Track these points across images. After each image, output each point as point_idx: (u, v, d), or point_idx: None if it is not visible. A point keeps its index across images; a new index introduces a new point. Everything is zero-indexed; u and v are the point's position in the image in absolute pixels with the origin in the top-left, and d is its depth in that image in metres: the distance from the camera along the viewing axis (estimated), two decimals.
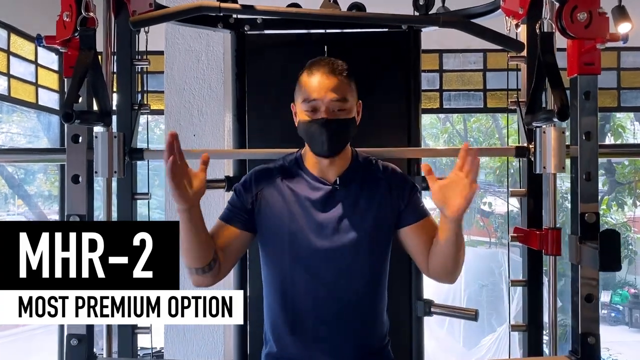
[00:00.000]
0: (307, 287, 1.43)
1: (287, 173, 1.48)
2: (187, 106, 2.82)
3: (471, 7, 2.11)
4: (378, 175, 1.49)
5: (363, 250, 1.42)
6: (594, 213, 1.50)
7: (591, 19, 1.38)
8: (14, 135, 8.65)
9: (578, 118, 1.52)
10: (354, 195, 1.44)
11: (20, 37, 3.51)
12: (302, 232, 1.41)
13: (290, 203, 1.43)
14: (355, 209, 1.43)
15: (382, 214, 1.45)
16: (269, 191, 1.45)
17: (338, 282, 1.42)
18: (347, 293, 1.42)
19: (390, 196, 1.46)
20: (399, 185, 1.48)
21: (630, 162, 8.12)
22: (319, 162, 1.45)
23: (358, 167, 1.49)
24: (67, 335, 1.51)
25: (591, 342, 1.47)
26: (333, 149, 1.40)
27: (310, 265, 1.42)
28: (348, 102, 1.40)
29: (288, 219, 1.42)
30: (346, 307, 1.43)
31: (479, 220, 9.60)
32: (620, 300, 10.78)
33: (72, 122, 1.32)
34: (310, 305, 1.43)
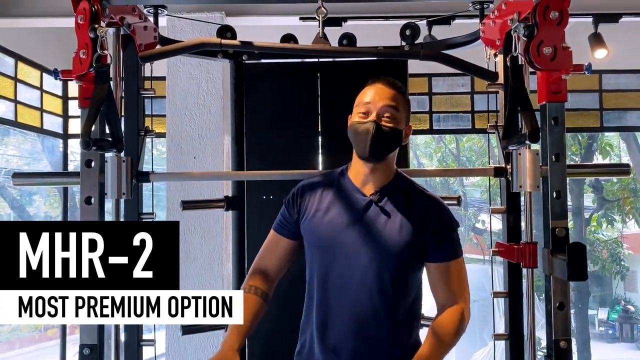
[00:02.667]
0: (337, 295, 1.48)
1: (329, 184, 1.59)
2: (188, 130, 2.96)
3: (453, 37, 2.27)
4: (421, 201, 1.55)
5: (388, 263, 1.47)
6: (564, 228, 1.62)
7: (556, 52, 1.52)
8: (10, 158, 8.73)
9: (547, 141, 1.66)
10: (390, 210, 1.51)
11: (26, 65, 3.65)
12: (332, 240, 1.49)
13: (327, 211, 1.53)
14: (388, 223, 1.49)
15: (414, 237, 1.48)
16: (311, 200, 1.56)
17: (358, 292, 1.47)
18: (366, 304, 1.47)
19: (428, 225, 1.51)
20: (440, 220, 1.54)
21: (618, 179, 8.27)
22: (361, 172, 1.54)
23: (398, 186, 1.56)
24: (80, 345, 1.62)
25: (563, 346, 1.59)
26: (375, 152, 1.49)
27: (339, 272, 1.48)
28: (399, 112, 1.52)
29: (323, 227, 1.51)
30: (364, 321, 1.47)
31: (473, 238, 9.72)
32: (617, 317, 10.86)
33: (89, 149, 1.46)
34: (337, 312, 1.48)
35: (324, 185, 1.59)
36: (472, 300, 1.50)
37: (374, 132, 1.47)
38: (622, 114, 4.33)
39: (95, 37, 1.48)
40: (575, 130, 4.87)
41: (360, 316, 1.48)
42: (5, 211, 9.31)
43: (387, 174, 1.56)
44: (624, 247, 9.26)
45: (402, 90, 1.56)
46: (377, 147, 1.48)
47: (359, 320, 1.48)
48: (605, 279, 10.82)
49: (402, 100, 1.54)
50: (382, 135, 1.48)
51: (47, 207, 9.24)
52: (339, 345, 1.48)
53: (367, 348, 1.48)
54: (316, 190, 1.58)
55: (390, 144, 1.52)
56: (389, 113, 1.50)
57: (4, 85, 3.43)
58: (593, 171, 3.15)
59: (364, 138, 1.48)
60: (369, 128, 1.48)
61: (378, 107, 1.50)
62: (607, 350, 10.17)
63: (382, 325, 1.48)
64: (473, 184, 10.63)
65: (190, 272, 2.96)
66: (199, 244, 2.92)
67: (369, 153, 1.49)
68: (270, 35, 2.18)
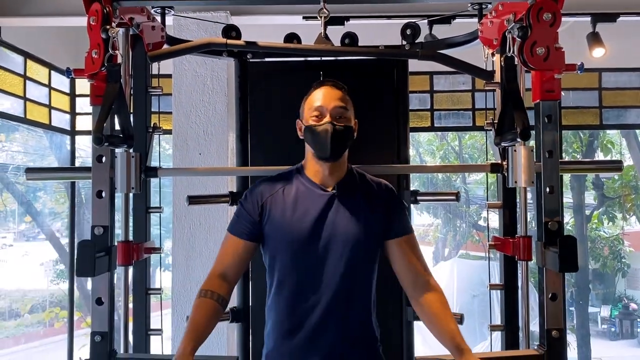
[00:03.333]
0: (304, 289, 1.56)
1: (288, 183, 1.64)
2: (194, 127, 3.02)
3: (453, 36, 2.32)
4: (372, 187, 1.66)
5: (356, 253, 1.56)
6: (556, 222, 1.68)
7: (549, 52, 1.58)
8: (15, 154, 8.81)
9: (541, 138, 1.71)
10: (351, 202, 1.60)
11: (35, 63, 3.72)
12: (301, 238, 1.55)
13: (292, 211, 1.58)
14: (351, 215, 1.58)
15: (374, 223, 1.60)
16: (272, 200, 1.61)
17: (331, 285, 1.54)
18: (339, 295, 1.55)
19: (382, 208, 1.62)
20: (390, 199, 1.66)
21: (619, 176, 8.31)
22: (319, 171, 1.62)
23: (353, 178, 1.66)
24: (92, 333, 1.68)
25: (555, 335, 1.65)
26: (335, 151, 1.57)
27: (308, 267, 1.55)
28: (349, 111, 1.62)
29: (289, 226, 1.56)
30: (340, 307, 1.55)
31: (475, 235, 9.76)
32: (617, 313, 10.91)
33: (102, 145, 1.53)
34: (306, 306, 1.55)
35: (282, 184, 1.64)
36: (473, 295, 1.57)
37: (332, 133, 1.56)
38: (621, 112, 4.37)
39: (107, 38, 1.54)
40: (575, 127, 4.91)
41: (335, 304, 1.55)
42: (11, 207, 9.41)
43: (343, 169, 1.66)
44: (625, 245, 9.29)
45: (346, 90, 1.65)
46: (336, 146, 1.57)
47: (334, 309, 1.55)
48: (607, 277, 10.85)
49: (348, 100, 1.64)
50: (339, 135, 1.57)
51: (53, 203, 9.32)
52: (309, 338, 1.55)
53: (342, 334, 1.55)
54: (276, 191, 1.63)
55: (346, 142, 1.61)
56: (341, 113, 1.60)
57: (13, 83, 3.50)
58: (586, 167, 3.21)
59: (323, 140, 1.56)
60: (327, 129, 1.56)
61: (331, 109, 1.59)
62: (608, 347, 10.21)
63: (356, 309, 1.58)
64: (476, 181, 10.67)
65: (195, 265, 3.03)
66: (205, 238, 2.99)
67: (330, 153, 1.57)
68: (274, 33, 2.23)
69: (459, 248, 11.17)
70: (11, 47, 3.48)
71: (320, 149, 1.58)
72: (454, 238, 10.96)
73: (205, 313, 1.53)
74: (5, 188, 8.40)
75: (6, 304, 9.58)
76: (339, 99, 1.61)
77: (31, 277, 9.84)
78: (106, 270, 1.70)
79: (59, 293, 9.48)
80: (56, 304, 9.62)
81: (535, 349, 1.69)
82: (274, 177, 1.69)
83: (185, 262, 2.99)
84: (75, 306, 5.10)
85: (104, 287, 1.71)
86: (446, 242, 11.48)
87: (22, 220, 9.61)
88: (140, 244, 1.92)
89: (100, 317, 1.71)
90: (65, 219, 8.43)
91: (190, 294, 1.52)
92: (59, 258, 8.55)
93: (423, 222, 11.58)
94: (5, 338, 9.55)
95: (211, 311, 1.54)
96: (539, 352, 1.66)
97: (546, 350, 1.66)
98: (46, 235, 8.71)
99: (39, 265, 9.86)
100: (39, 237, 9.88)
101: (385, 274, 1.68)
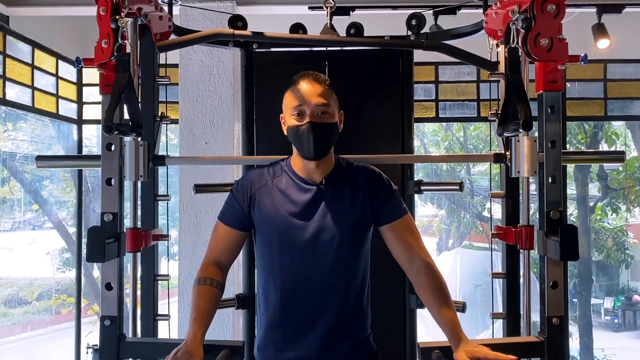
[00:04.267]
0: (292, 283, 1.58)
1: (277, 175, 1.65)
2: (200, 116, 3.04)
3: (458, 27, 2.34)
4: (358, 177, 1.65)
5: (345, 245, 1.58)
6: (558, 211, 1.70)
7: (552, 44, 1.59)
8: (20, 143, 8.86)
9: (544, 128, 1.73)
10: (338, 196, 1.61)
11: (43, 52, 3.75)
12: (290, 230, 1.57)
13: (280, 203, 1.59)
14: (339, 208, 1.59)
15: (363, 213, 1.61)
16: (261, 192, 1.62)
17: (320, 277, 1.57)
18: (329, 285, 1.58)
19: (369, 196, 1.63)
20: (376, 186, 1.65)
21: (624, 168, 8.30)
22: (306, 167, 1.62)
23: (341, 170, 1.65)
24: (101, 317, 1.72)
25: (555, 323, 1.67)
26: (319, 151, 1.56)
27: (297, 259, 1.57)
28: (331, 106, 1.57)
29: (278, 218, 1.58)
30: (329, 299, 1.58)
31: (479, 226, 9.77)
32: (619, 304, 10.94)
33: (112, 133, 1.56)
34: (294, 298, 1.58)
35: (271, 177, 1.65)
36: (476, 284, 1.59)
37: (314, 133, 1.53)
38: (626, 103, 4.37)
39: (116, 28, 1.56)
40: (580, 119, 4.90)
41: (324, 296, 1.57)
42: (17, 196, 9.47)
43: (330, 162, 1.64)
44: (629, 236, 9.29)
45: (327, 83, 1.60)
46: (319, 146, 1.55)
47: (323, 301, 1.57)
48: (611, 269, 10.87)
49: (330, 93, 1.59)
50: (321, 133, 1.55)
51: (60, 192, 9.37)
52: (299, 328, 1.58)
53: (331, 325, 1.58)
54: (265, 183, 1.63)
55: (330, 139, 1.59)
56: (322, 110, 1.56)
57: (22, 72, 3.53)
58: (588, 158, 3.22)
59: (305, 140, 1.54)
60: (308, 129, 1.54)
61: (311, 107, 1.55)
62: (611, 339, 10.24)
63: (346, 300, 1.60)
64: (480, 172, 10.67)
65: (201, 253, 3.05)
66: (210, 226, 2.99)
67: (314, 153, 1.56)
68: (280, 23, 2.25)
69: (462, 239, 11.19)
70: (19, 37, 3.50)
71: (304, 149, 1.57)
72: (457, 229, 10.98)
73: (207, 299, 1.57)
74: (12, 176, 8.46)
75: (13, 292, 9.68)
76: (319, 95, 1.56)
77: (38, 266, 9.92)
78: (115, 256, 1.74)
79: (66, 281, 9.57)
80: (62, 291, 9.70)
81: (536, 335, 1.72)
82: (264, 168, 1.69)
83: (192, 250, 3.02)
84: (82, 294, 5.15)
85: (113, 273, 1.74)
86: (450, 233, 11.50)
87: (29, 209, 9.68)
88: (148, 231, 1.95)
89: (110, 302, 1.74)
90: (71, 208, 8.49)
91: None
92: (66, 246, 8.61)
93: (427, 213, 11.59)
94: (12, 325, 9.64)
95: (212, 297, 1.58)
96: (539, 339, 1.69)
97: (546, 337, 1.68)
98: (53, 223, 8.77)
99: (45, 254, 9.95)
100: (44, 226, 9.95)
101: (387, 261, 1.71)
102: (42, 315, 10.19)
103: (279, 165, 1.68)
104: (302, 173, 1.63)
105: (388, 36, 2.21)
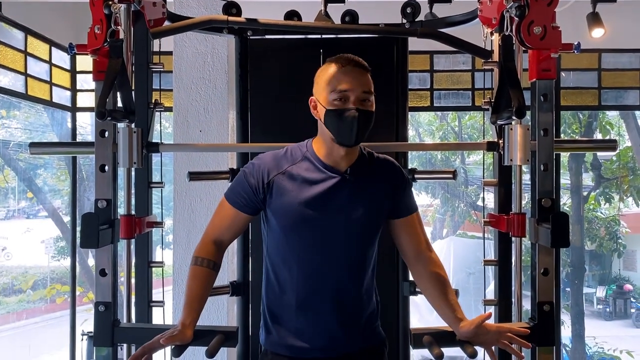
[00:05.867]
0: (311, 271, 1.56)
1: (296, 162, 1.57)
2: (194, 104, 3.03)
3: (453, 15, 2.33)
4: (381, 168, 1.64)
5: (366, 235, 1.58)
6: (550, 199, 1.72)
7: (545, 32, 1.60)
8: (14, 131, 8.82)
9: (537, 116, 1.74)
10: (362, 185, 1.57)
11: (35, 39, 3.72)
12: (311, 217, 1.53)
13: (302, 190, 1.53)
14: (362, 198, 1.57)
15: (382, 204, 1.60)
16: (281, 180, 1.55)
17: (339, 266, 1.56)
18: (346, 273, 1.57)
19: (389, 187, 1.62)
20: (397, 179, 1.64)
21: (617, 157, 8.34)
22: (333, 153, 1.54)
23: (364, 159, 1.62)
24: (95, 303, 1.73)
25: (546, 309, 1.70)
26: (359, 138, 1.51)
27: (317, 247, 1.55)
28: (372, 95, 1.53)
29: (300, 206, 1.52)
30: (345, 286, 1.57)
31: (473, 215, 9.81)
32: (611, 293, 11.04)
33: (105, 120, 1.56)
34: (312, 283, 1.56)
35: (290, 163, 1.57)
36: (469, 272, 1.61)
37: (359, 120, 1.48)
38: (620, 93, 4.39)
39: (109, 14, 1.56)
40: (574, 108, 4.92)
41: (342, 285, 1.57)
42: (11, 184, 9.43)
43: (357, 150, 1.60)
44: (622, 226, 9.35)
45: (369, 70, 1.55)
46: (361, 134, 1.50)
47: (342, 289, 1.57)
48: (603, 258, 10.95)
49: (372, 82, 1.54)
50: (365, 122, 1.50)
51: (54, 181, 9.35)
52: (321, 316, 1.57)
53: (348, 312, 1.59)
54: (284, 170, 1.56)
55: (369, 128, 1.54)
56: (367, 98, 1.51)
57: (14, 59, 3.51)
58: (580, 146, 3.23)
59: (348, 126, 1.48)
60: (354, 116, 1.47)
61: (357, 93, 1.49)
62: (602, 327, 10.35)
63: (362, 290, 1.60)
64: (475, 162, 10.69)
65: (196, 240, 3.05)
66: (205, 214, 3.02)
67: (355, 140, 1.50)
68: (274, 10, 2.24)
69: (457, 228, 11.25)
70: (12, 23, 3.48)
71: (344, 135, 1.50)
72: (452, 218, 11.03)
73: (202, 283, 1.57)
74: (6, 164, 8.43)
75: (8, 280, 9.68)
76: (366, 83, 1.51)
77: (32, 254, 9.92)
78: (109, 243, 1.74)
79: (60, 269, 9.57)
80: (57, 280, 9.71)
81: (527, 322, 1.74)
82: (279, 154, 1.61)
83: (187, 238, 3.03)
84: (77, 282, 5.16)
85: (107, 259, 1.75)
86: (444, 222, 11.55)
87: (24, 197, 9.65)
88: (142, 218, 1.95)
89: (104, 288, 1.76)
90: (65, 197, 8.47)
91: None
92: (61, 235, 8.61)
93: (422, 203, 11.63)
94: (7, 314, 9.65)
95: (206, 280, 1.59)
96: (530, 325, 1.71)
97: (537, 323, 1.71)
98: (47, 212, 8.76)
99: (40, 242, 9.93)
100: (39, 215, 9.93)
101: (382, 248, 1.71)
102: (37, 303, 10.20)
103: (298, 151, 1.60)
104: (328, 160, 1.56)
105: (383, 24, 2.20)
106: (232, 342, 1.63)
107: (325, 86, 1.52)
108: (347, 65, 1.51)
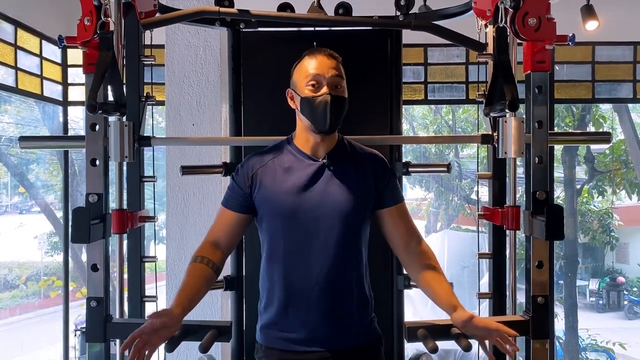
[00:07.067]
0: (296, 260, 1.57)
1: (278, 154, 1.64)
2: (187, 97, 3.00)
3: (447, 7, 2.32)
4: (362, 157, 1.66)
5: (349, 221, 1.58)
6: (544, 191, 1.71)
7: (540, 23, 1.59)
8: (6, 125, 8.76)
9: (531, 109, 1.73)
10: (341, 172, 1.60)
11: (26, 32, 3.68)
12: (292, 205, 1.56)
13: (282, 179, 1.58)
14: (341, 184, 1.58)
15: (365, 192, 1.61)
16: (263, 172, 1.61)
17: (323, 255, 1.55)
18: (331, 265, 1.56)
19: (372, 177, 1.63)
20: (381, 169, 1.66)
21: (610, 151, 8.38)
22: (310, 141, 1.60)
23: (344, 148, 1.66)
24: (87, 298, 1.71)
25: (540, 302, 1.70)
26: (333, 124, 1.55)
27: (299, 238, 1.56)
28: (344, 80, 1.59)
29: (280, 194, 1.57)
30: (333, 275, 1.56)
31: (467, 209, 9.85)
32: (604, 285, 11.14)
33: (95, 113, 1.53)
34: (298, 277, 1.57)
35: (273, 155, 1.64)
36: (463, 266, 1.61)
37: (332, 105, 1.52)
38: (614, 86, 4.39)
39: (99, 5, 1.54)
40: (568, 101, 4.93)
41: (327, 274, 1.56)
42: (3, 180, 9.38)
43: (334, 138, 1.64)
44: (615, 219, 9.42)
45: (340, 60, 1.61)
46: (335, 119, 1.54)
47: (327, 279, 1.56)
48: (596, 251, 11.03)
49: (342, 70, 1.60)
50: (338, 105, 1.54)
51: (47, 176, 9.30)
52: (311, 307, 1.57)
53: (335, 305, 1.58)
54: (266, 163, 1.62)
55: (343, 113, 1.58)
56: (338, 83, 1.56)
57: (4, 52, 3.47)
58: (574, 139, 3.23)
59: (322, 111, 1.53)
60: (327, 100, 1.52)
61: (328, 78, 1.54)
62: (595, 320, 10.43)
63: (349, 279, 1.60)
64: (469, 155, 10.71)
65: (189, 235, 3.05)
66: (198, 209, 3.01)
67: (329, 125, 1.54)
68: (267, 2, 2.22)
69: (451, 222, 11.28)
70: (1, 16, 3.43)
71: (319, 120, 1.55)
72: (446, 212, 11.05)
73: (198, 278, 1.55)
74: None
75: (1, 275, 9.64)
76: (335, 67, 1.57)
77: (25, 250, 9.88)
78: (101, 237, 1.72)
79: (53, 265, 9.54)
80: (51, 275, 9.68)
81: (521, 315, 1.74)
82: (265, 150, 1.69)
83: (180, 232, 3.01)
84: (70, 277, 5.14)
85: (99, 254, 1.73)
86: (438, 216, 11.58)
87: (16, 192, 9.60)
88: (134, 213, 1.93)
89: (96, 283, 1.74)
90: (58, 192, 8.43)
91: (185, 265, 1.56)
92: (54, 230, 8.57)
93: (416, 196, 11.65)
94: (0, 309, 9.63)
95: (203, 276, 1.56)
96: (524, 318, 1.71)
97: (531, 316, 1.70)
98: (40, 207, 8.71)
99: (33, 237, 9.89)
100: (32, 210, 9.88)
101: (375, 242, 1.71)
102: (31, 299, 10.18)
103: (280, 145, 1.67)
104: (306, 148, 1.62)
105: (376, 16, 2.19)
106: (226, 337, 1.62)
107: (298, 76, 1.59)
108: (317, 53, 1.59)
